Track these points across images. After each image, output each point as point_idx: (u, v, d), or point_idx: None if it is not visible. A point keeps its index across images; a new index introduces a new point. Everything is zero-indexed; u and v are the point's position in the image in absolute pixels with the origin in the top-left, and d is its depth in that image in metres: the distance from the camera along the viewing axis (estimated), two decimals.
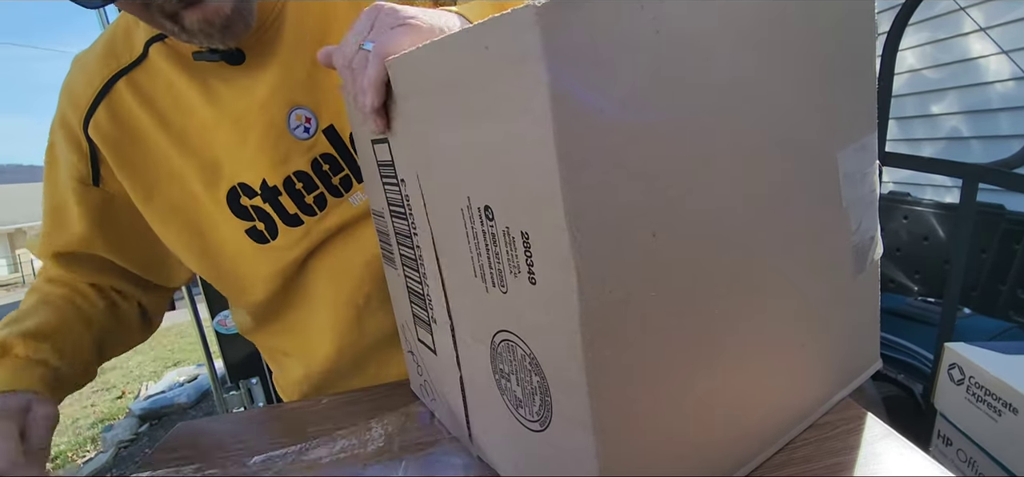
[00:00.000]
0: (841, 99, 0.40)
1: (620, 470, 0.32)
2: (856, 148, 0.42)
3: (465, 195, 0.34)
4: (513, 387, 0.37)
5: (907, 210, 1.72)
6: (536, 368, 0.33)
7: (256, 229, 0.59)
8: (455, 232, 0.36)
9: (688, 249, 0.32)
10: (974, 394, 0.68)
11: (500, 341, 0.36)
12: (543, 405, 0.34)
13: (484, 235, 0.33)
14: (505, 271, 0.33)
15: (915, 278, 1.71)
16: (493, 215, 0.32)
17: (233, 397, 1.67)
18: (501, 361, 0.37)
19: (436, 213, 0.39)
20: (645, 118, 0.29)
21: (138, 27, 0.58)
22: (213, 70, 0.57)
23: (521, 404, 0.36)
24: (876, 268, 0.47)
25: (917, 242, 1.70)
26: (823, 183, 0.40)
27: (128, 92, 0.57)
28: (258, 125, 0.56)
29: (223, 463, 0.49)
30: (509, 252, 0.32)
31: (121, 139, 0.58)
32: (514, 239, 0.31)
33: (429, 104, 0.35)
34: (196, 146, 0.58)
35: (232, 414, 0.67)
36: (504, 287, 0.33)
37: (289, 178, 0.58)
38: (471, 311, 0.39)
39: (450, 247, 0.38)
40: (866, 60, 0.42)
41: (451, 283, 0.40)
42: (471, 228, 0.34)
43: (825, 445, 0.42)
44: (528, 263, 0.30)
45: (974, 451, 0.68)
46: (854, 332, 0.47)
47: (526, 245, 0.30)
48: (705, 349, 0.34)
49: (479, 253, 0.35)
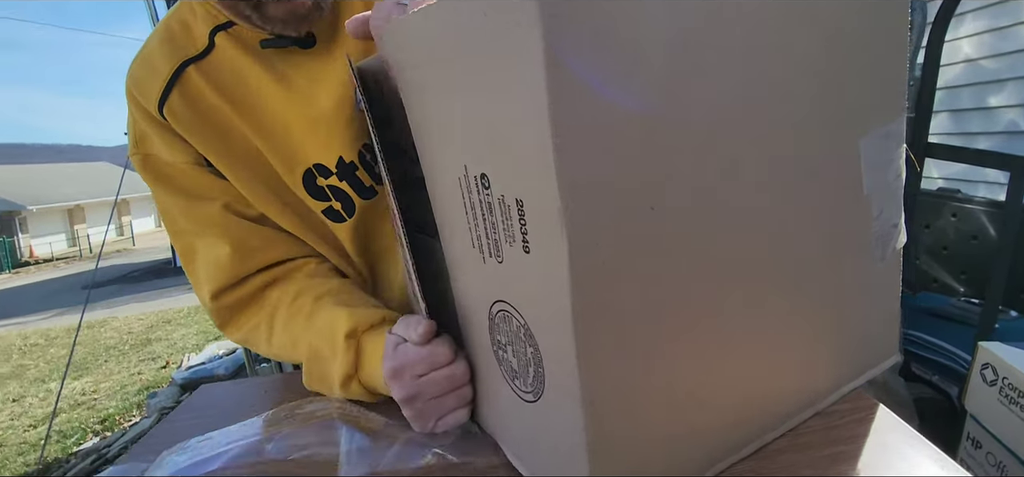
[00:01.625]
0: (866, 82, 0.38)
1: (609, 445, 0.32)
2: (880, 133, 0.40)
3: (462, 164, 0.34)
4: (509, 358, 0.37)
5: (956, 207, 1.64)
6: (530, 339, 0.33)
7: (333, 209, 0.60)
8: (453, 203, 0.37)
9: (689, 227, 0.31)
10: (1007, 395, 0.64)
11: (497, 312, 0.36)
12: (536, 376, 0.34)
13: (481, 204, 0.33)
14: (501, 240, 0.33)
15: (961, 278, 1.63)
16: (489, 183, 0.32)
17: (264, 369, 1.73)
18: (498, 332, 0.37)
19: (435, 185, 0.39)
20: (646, 89, 0.28)
21: (196, 19, 0.58)
22: (281, 56, 0.57)
23: (517, 375, 0.36)
24: (898, 258, 0.45)
25: (965, 241, 1.62)
26: (842, 167, 0.38)
27: (199, 78, 0.56)
28: (332, 105, 0.57)
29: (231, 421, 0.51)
30: (504, 220, 0.31)
31: (196, 122, 0.56)
32: (509, 207, 0.30)
33: (429, 73, 0.35)
34: (269, 131, 0.57)
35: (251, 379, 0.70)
36: (500, 257, 0.33)
37: (361, 151, 0.59)
38: (470, 283, 0.39)
39: (449, 219, 0.39)
40: (896, 44, 0.40)
41: (451, 255, 0.41)
42: (468, 197, 0.34)
43: (830, 433, 0.41)
44: (522, 231, 0.30)
45: (1004, 455, 0.65)
46: (870, 322, 0.45)
47: (520, 212, 0.30)
48: (703, 329, 0.34)
49: (476, 223, 0.35)
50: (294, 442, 0.47)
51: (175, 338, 4.91)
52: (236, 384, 0.69)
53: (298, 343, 0.54)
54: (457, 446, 0.44)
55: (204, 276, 0.58)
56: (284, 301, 0.57)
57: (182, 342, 4.75)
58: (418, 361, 0.44)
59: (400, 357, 0.44)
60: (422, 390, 0.44)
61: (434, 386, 0.44)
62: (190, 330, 5.12)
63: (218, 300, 0.58)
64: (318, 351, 0.53)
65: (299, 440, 0.47)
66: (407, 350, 0.44)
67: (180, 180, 0.58)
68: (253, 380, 0.69)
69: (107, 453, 2.83)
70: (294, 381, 0.64)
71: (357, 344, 0.50)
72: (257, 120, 0.57)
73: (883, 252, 0.44)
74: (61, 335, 5.84)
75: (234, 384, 0.70)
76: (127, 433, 3.09)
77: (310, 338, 0.53)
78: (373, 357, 0.49)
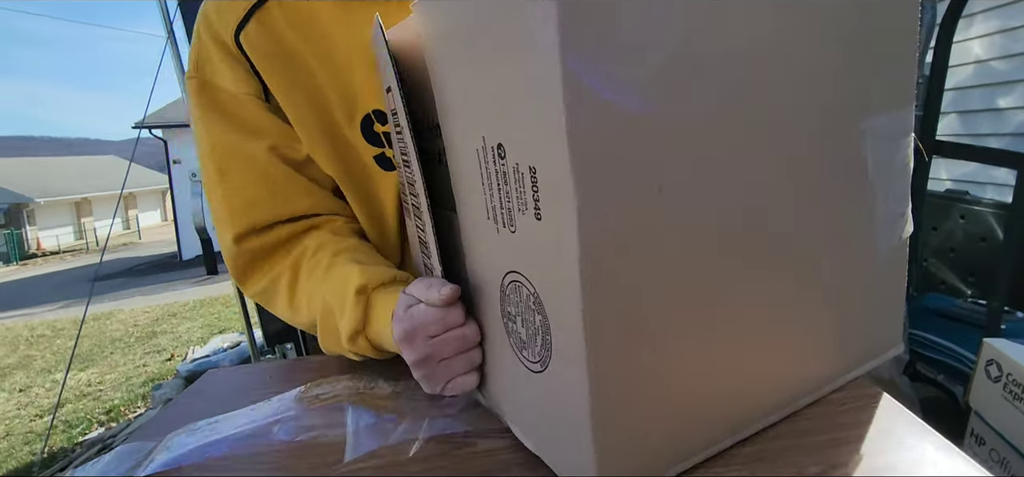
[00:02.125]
0: (874, 70, 0.39)
1: (612, 415, 0.32)
2: (887, 120, 0.40)
3: (481, 135, 0.35)
4: (518, 329, 0.37)
5: (964, 209, 1.63)
6: (539, 307, 0.34)
7: (384, 156, 0.60)
8: (471, 173, 0.37)
9: (696, 209, 0.32)
10: (1011, 392, 0.64)
11: (509, 283, 0.37)
12: (544, 345, 0.35)
13: (496, 174, 0.34)
14: (514, 209, 0.33)
15: (969, 280, 1.62)
16: (505, 152, 0.33)
17: (269, 361, 1.74)
18: (509, 303, 0.38)
19: (455, 156, 0.40)
20: (657, 67, 0.29)
21: None
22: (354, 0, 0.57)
23: (525, 346, 0.37)
24: (904, 248, 0.45)
25: (973, 243, 1.61)
26: (848, 155, 0.39)
27: (278, 11, 0.57)
28: None
29: (237, 404, 0.52)
30: (518, 189, 0.32)
31: (269, 52, 0.56)
32: (523, 175, 0.31)
33: (452, 46, 0.36)
34: (335, 71, 0.58)
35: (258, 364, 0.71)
36: (513, 226, 0.34)
37: None
38: (484, 254, 0.40)
39: (466, 190, 0.40)
40: (905, 31, 0.40)
41: (466, 226, 0.42)
42: (485, 168, 0.35)
43: (832, 420, 0.41)
44: (535, 198, 0.31)
45: (1007, 451, 0.65)
46: (874, 310, 0.45)
47: (533, 179, 0.31)
48: (707, 309, 0.34)
49: (492, 194, 0.36)
50: (301, 424, 0.47)
51: (180, 331, 4.94)
52: (243, 369, 0.70)
53: (313, 298, 0.55)
54: (461, 418, 0.45)
55: (232, 216, 0.58)
56: (306, 255, 0.58)
57: (187, 335, 4.77)
58: (432, 321, 0.44)
59: (413, 318, 0.44)
60: (435, 351, 0.44)
61: (446, 346, 0.44)
62: (195, 324, 5.15)
63: (242, 243, 0.58)
64: (329, 307, 0.53)
65: (306, 421, 0.48)
66: (421, 311, 0.44)
67: (235, 111, 0.58)
68: (259, 366, 0.69)
69: (112, 443, 2.85)
70: (300, 367, 0.65)
71: (367, 300, 0.50)
72: (325, 59, 0.57)
73: (889, 240, 0.44)
74: (67, 327, 5.89)
75: (242, 369, 0.70)
76: (132, 424, 3.12)
77: (324, 292, 0.53)
78: (383, 314, 0.49)
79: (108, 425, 3.18)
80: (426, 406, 0.48)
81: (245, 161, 0.58)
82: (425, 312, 0.44)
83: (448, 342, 0.44)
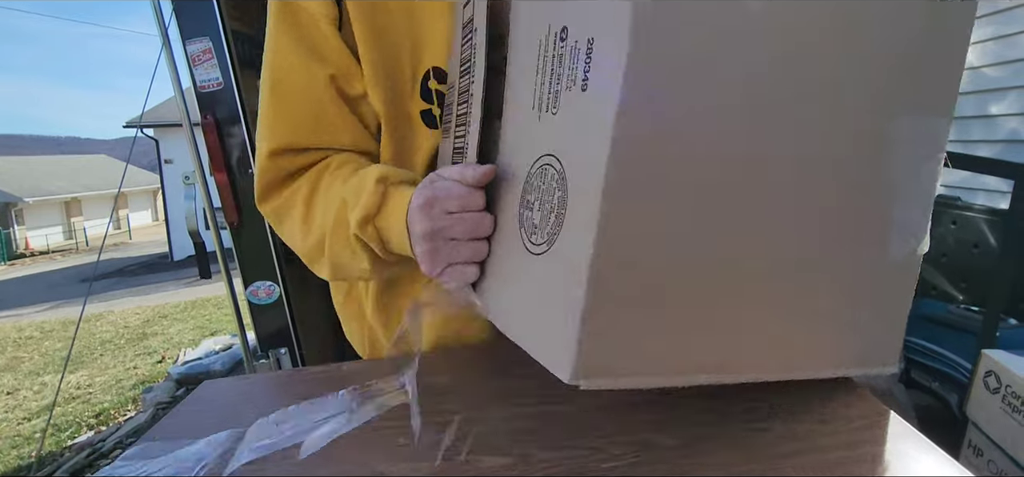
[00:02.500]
0: (915, 83, 0.39)
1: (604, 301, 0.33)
2: (912, 125, 0.40)
3: (547, 23, 0.38)
4: (533, 215, 0.39)
5: (956, 215, 1.64)
6: (561, 184, 0.36)
7: (431, 113, 0.60)
8: (528, 68, 0.41)
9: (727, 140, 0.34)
10: (1010, 404, 0.64)
11: (537, 167, 0.39)
12: (557, 221, 0.36)
13: (553, 58, 0.37)
14: (562, 88, 0.36)
15: (961, 287, 1.63)
16: (567, 35, 0.36)
17: (263, 365, 1.72)
18: (531, 190, 0.40)
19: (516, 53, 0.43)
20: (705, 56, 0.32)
21: None
22: None
23: (536, 230, 0.38)
24: (917, 261, 0.45)
25: (965, 249, 1.62)
26: (873, 164, 0.40)
27: None
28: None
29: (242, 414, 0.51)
30: (572, 65, 0.35)
31: None
32: (579, 50, 0.34)
33: None
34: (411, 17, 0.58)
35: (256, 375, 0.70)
36: (556, 109, 0.37)
37: None
38: (520, 142, 0.42)
39: (517, 85, 0.43)
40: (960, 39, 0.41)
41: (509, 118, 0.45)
42: (544, 54, 0.39)
43: (838, 438, 0.41)
44: (585, 70, 0.34)
45: (1006, 463, 0.65)
46: (876, 314, 0.45)
47: (589, 50, 0.33)
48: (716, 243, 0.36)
49: (544, 80, 0.39)
50: None
51: (171, 333, 4.89)
52: (241, 380, 0.69)
53: (331, 200, 0.55)
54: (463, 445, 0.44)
55: (273, 131, 0.58)
56: (329, 167, 0.58)
57: (178, 337, 4.73)
58: (455, 197, 0.44)
59: (437, 188, 0.45)
60: (448, 226, 0.45)
61: (460, 225, 0.45)
62: (186, 325, 5.11)
63: (275, 159, 0.59)
64: (344, 201, 0.53)
65: None
66: (446, 184, 0.45)
67: (307, 30, 0.58)
68: (258, 376, 0.68)
69: (102, 447, 2.82)
70: (298, 379, 0.64)
71: (385, 190, 0.50)
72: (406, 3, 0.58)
73: (903, 249, 0.44)
74: (56, 328, 5.83)
75: (240, 380, 0.69)
76: (122, 427, 3.08)
77: (343, 191, 0.53)
78: (397, 207, 0.49)
79: (98, 428, 3.14)
80: None
81: (303, 83, 0.58)
82: (450, 186, 0.45)
83: (463, 220, 0.45)
